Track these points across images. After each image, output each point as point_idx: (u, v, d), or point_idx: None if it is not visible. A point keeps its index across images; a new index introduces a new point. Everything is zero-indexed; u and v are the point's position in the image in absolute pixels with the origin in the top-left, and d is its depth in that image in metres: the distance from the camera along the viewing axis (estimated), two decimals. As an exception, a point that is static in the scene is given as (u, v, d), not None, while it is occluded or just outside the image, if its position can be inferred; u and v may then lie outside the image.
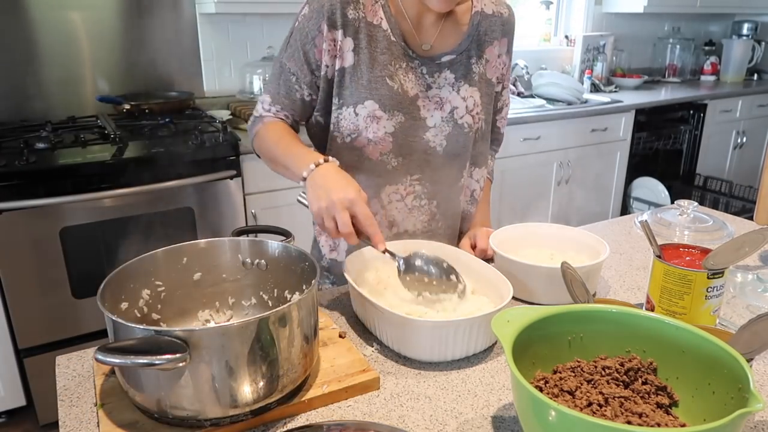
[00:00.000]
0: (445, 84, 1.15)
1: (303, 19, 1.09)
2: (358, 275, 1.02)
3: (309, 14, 1.08)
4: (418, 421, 0.76)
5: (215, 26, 2.69)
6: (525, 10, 3.78)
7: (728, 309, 1.03)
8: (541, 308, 0.72)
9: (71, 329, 2.05)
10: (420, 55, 1.13)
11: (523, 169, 3.00)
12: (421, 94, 1.14)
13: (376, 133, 1.11)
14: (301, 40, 1.09)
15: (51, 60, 2.39)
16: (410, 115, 1.13)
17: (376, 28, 1.10)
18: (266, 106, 1.15)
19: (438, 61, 1.14)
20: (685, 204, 1.39)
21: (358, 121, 1.10)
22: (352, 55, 1.09)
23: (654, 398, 0.68)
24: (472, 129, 1.18)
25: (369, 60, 1.09)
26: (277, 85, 1.13)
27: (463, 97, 1.16)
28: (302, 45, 1.09)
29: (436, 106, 1.15)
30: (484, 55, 1.18)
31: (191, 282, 0.92)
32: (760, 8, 4.18)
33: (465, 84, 1.16)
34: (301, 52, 1.09)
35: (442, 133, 1.16)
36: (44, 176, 1.89)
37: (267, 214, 2.32)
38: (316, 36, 1.07)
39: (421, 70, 1.13)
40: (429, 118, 1.15)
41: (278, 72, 1.13)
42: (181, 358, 0.65)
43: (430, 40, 1.13)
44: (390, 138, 1.12)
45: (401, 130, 1.12)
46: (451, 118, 1.15)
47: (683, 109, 3.67)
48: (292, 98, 1.13)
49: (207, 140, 2.13)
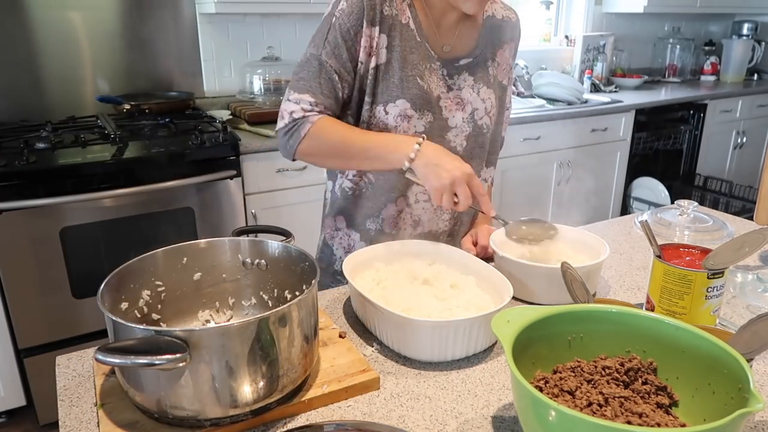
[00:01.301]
0: (465, 86, 1.17)
1: (341, 14, 1.06)
2: (358, 275, 1.03)
3: (349, 10, 1.06)
4: (418, 421, 0.76)
5: (215, 26, 2.69)
6: (525, 10, 3.78)
7: (728, 309, 1.03)
8: (541, 308, 0.72)
9: (71, 329, 2.05)
10: (441, 56, 1.15)
11: (523, 169, 3.00)
12: (443, 95, 1.15)
13: (406, 132, 1.12)
14: (342, 36, 1.06)
15: (51, 60, 2.39)
16: (436, 115, 1.15)
17: (405, 27, 1.11)
18: (307, 106, 1.08)
19: (457, 64, 1.16)
20: (685, 204, 1.39)
21: (387, 119, 1.11)
22: (385, 52, 1.09)
23: (654, 398, 0.68)
24: (490, 130, 1.21)
25: (400, 58, 1.10)
26: (318, 84, 1.08)
27: (483, 98, 1.18)
28: (344, 41, 1.06)
29: (457, 107, 1.16)
30: (495, 58, 1.21)
31: (191, 282, 0.92)
32: (760, 8, 4.18)
33: (483, 86, 1.19)
34: (344, 49, 1.06)
35: (463, 134, 1.18)
36: (44, 176, 1.89)
37: (267, 214, 2.33)
38: (358, 32, 1.06)
39: (442, 71, 1.15)
40: (451, 119, 1.17)
41: (317, 69, 1.08)
42: (181, 358, 0.65)
43: (450, 42, 1.15)
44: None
45: (429, 130, 1.14)
46: (472, 119, 1.18)
47: (683, 109, 3.67)
48: (336, 96, 1.10)
49: (207, 140, 2.13)
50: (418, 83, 1.11)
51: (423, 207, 1.20)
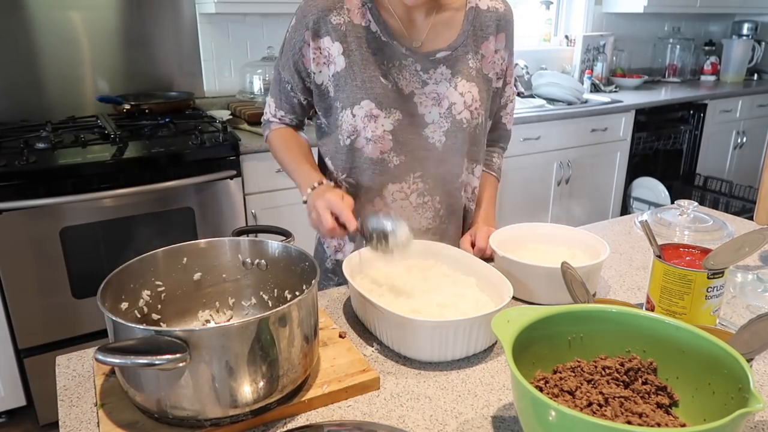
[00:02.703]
0: (441, 79, 1.15)
1: (291, 30, 1.16)
2: (358, 275, 1.03)
3: (295, 26, 1.14)
4: (418, 421, 0.76)
5: (215, 26, 2.69)
6: (525, 10, 3.78)
7: (728, 309, 1.03)
8: (541, 308, 0.72)
9: (71, 329, 2.05)
10: (413, 51, 1.14)
11: (523, 169, 3.00)
12: (417, 90, 1.15)
13: (374, 132, 1.13)
14: (290, 51, 1.16)
15: (51, 60, 2.39)
16: (408, 112, 1.14)
17: (365, 30, 1.12)
18: (272, 110, 1.25)
19: (432, 58, 1.15)
20: (685, 204, 1.39)
21: (356, 121, 1.13)
22: (342, 58, 1.12)
23: (654, 398, 0.68)
24: (471, 125, 1.18)
25: (361, 61, 1.12)
26: (278, 91, 1.23)
27: (461, 92, 1.16)
28: (292, 55, 1.16)
29: (433, 102, 1.15)
30: (479, 50, 1.18)
31: (191, 282, 0.92)
32: (760, 8, 4.18)
33: (462, 79, 1.16)
34: (291, 62, 1.16)
35: (441, 129, 1.17)
36: (44, 176, 1.89)
37: (267, 214, 2.33)
38: (302, 46, 1.14)
39: (415, 66, 1.14)
40: (427, 115, 1.16)
41: (276, 79, 1.22)
42: (181, 358, 0.65)
43: (422, 37, 1.15)
44: (389, 136, 1.13)
45: (400, 128, 1.14)
46: (450, 114, 1.16)
47: (683, 109, 3.67)
48: (291, 103, 1.22)
49: (207, 140, 2.13)
50: (381, 82, 1.12)
51: (401, 205, 1.19)
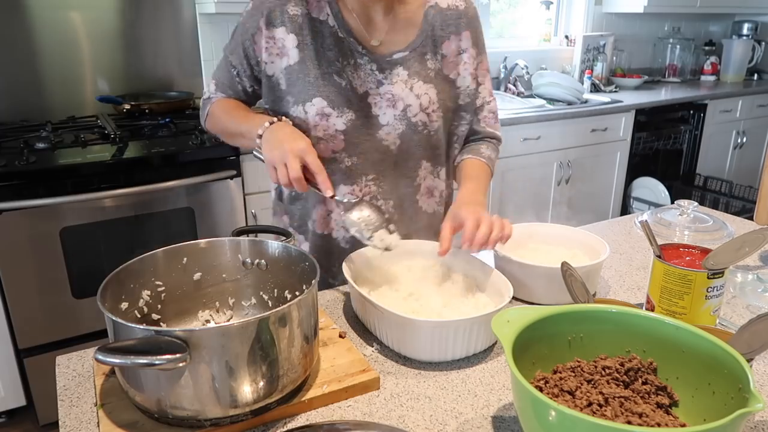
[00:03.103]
0: (398, 80, 1.11)
1: (245, 15, 1.12)
2: (358, 275, 1.03)
3: (250, 11, 1.11)
4: (418, 421, 0.76)
5: (215, 26, 2.69)
6: (525, 10, 3.78)
7: (728, 309, 1.03)
8: (541, 308, 0.72)
9: (71, 329, 2.05)
10: (370, 51, 1.11)
11: (523, 169, 2.99)
12: (371, 91, 1.11)
13: (326, 131, 1.09)
14: (242, 36, 1.12)
15: (51, 60, 2.39)
16: (361, 112, 1.11)
17: (322, 23, 1.09)
18: (212, 91, 1.20)
19: (389, 58, 1.11)
20: (685, 204, 1.39)
21: (308, 118, 1.09)
22: (296, 51, 1.09)
23: (654, 398, 0.68)
24: (427, 128, 1.14)
25: (315, 56, 1.08)
26: (222, 75, 1.18)
27: (417, 94, 1.12)
28: (242, 41, 1.12)
29: (388, 103, 1.11)
30: (439, 50, 1.14)
31: (191, 282, 0.92)
32: (760, 8, 4.18)
33: (419, 81, 1.12)
34: (241, 48, 1.13)
35: (396, 132, 1.12)
36: (44, 176, 1.88)
37: (267, 214, 2.32)
38: (255, 33, 1.10)
39: (371, 66, 1.11)
40: (381, 116, 1.12)
41: (223, 63, 1.18)
42: (181, 358, 0.65)
43: (381, 36, 1.11)
44: (341, 136, 1.10)
45: (353, 128, 1.10)
46: (405, 116, 1.12)
47: (683, 109, 3.66)
48: (235, 89, 1.18)
49: (207, 140, 2.13)
50: (335, 80, 1.08)
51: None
